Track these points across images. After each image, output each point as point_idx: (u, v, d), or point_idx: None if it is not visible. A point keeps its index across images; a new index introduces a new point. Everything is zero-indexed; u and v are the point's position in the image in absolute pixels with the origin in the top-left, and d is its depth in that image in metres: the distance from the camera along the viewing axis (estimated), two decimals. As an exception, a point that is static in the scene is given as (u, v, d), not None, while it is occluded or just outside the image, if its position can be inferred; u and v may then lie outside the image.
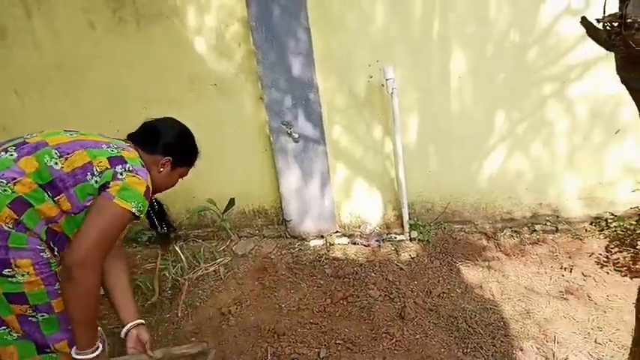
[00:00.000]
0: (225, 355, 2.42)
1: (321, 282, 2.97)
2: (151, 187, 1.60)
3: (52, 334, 1.54)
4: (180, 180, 1.90)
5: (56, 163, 1.47)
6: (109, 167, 1.50)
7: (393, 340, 2.43)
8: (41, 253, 1.46)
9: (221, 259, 3.25)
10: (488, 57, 2.88)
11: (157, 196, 1.89)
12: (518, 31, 2.79)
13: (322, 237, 3.42)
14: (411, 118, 3.09)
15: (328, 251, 3.28)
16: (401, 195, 3.19)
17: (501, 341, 2.34)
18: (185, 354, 1.87)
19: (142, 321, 1.78)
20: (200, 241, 3.54)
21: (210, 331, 2.62)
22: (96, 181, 1.49)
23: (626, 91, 0.85)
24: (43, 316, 1.51)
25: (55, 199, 1.46)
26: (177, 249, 3.14)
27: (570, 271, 2.77)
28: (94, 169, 1.50)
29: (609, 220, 3.06)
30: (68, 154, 1.49)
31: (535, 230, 3.15)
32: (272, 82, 3.05)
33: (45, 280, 1.47)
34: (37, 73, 3.37)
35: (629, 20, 0.66)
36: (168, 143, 1.76)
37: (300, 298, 2.85)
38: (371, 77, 3.00)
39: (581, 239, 3.03)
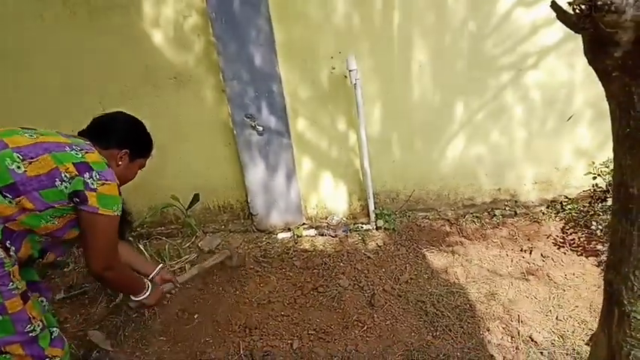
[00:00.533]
0: (195, 353, 2.39)
1: (291, 274, 2.97)
2: (118, 182, 1.64)
3: (3, 337, 1.51)
4: (139, 172, 1.92)
5: (18, 167, 1.45)
6: (77, 174, 1.51)
7: (364, 328, 2.46)
8: None
9: (187, 256, 3.19)
10: (447, 46, 2.94)
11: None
12: (476, 20, 2.87)
13: (289, 230, 3.41)
14: (374, 108, 3.12)
15: (296, 243, 3.28)
16: (366, 185, 3.22)
17: (468, 323, 2.41)
18: (214, 264, 2.43)
19: (161, 265, 2.22)
20: (164, 238, 3.45)
21: (179, 328, 2.57)
22: (65, 187, 1.50)
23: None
24: None
25: (15, 200, 1.44)
26: (140, 247, 3.05)
27: (530, 253, 2.89)
28: (62, 175, 1.50)
29: (564, 203, 3.20)
30: (32, 158, 1.47)
31: (495, 215, 3.26)
32: (234, 74, 3.00)
33: None
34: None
35: (599, 2, 0.69)
36: (122, 136, 1.77)
37: (270, 291, 2.84)
38: (334, 68, 3.01)
39: (538, 222, 3.16)
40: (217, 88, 3.11)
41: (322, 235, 3.34)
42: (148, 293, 1.94)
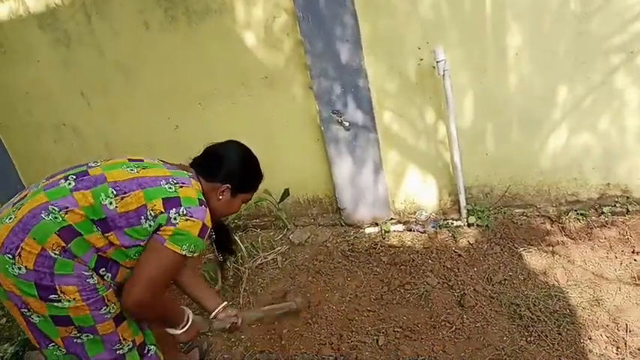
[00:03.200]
0: (283, 343, 2.48)
1: (378, 269, 2.97)
2: (208, 223, 1.58)
3: (96, 354, 1.58)
4: (243, 205, 1.87)
5: (110, 203, 1.47)
6: (163, 211, 1.49)
7: (453, 328, 2.39)
8: (87, 280, 1.49)
9: (279, 248, 3.33)
10: (546, 29, 2.71)
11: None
12: (579, -1, 2.61)
13: (377, 224, 3.41)
14: (465, 99, 2.98)
15: (383, 239, 3.27)
16: (457, 179, 3.10)
17: (567, 330, 2.24)
18: (280, 313, 2.27)
19: (225, 303, 2.00)
20: (258, 230, 3.63)
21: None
22: (150, 225, 1.50)
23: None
24: (87, 336, 1.55)
25: (105, 234, 1.48)
26: (236, 239, 3.23)
27: (644, 256, 2.60)
28: (148, 214, 1.49)
29: (687, 200, 2.83)
30: (125, 193, 1.49)
31: (603, 212, 2.97)
32: (320, 71, 3.04)
33: (91, 305, 1.50)
34: (100, 74, 3.56)
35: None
36: (230, 171, 1.73)
37: (357, 285, 2.86)
38: (421, 60, 2.92)
39: (655, 221, 2.82)
40: (305, 86, 3.18)
41: (410, 230, 3.28)
42: (185, 329, 1.74)
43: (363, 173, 3.29)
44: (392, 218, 3.43)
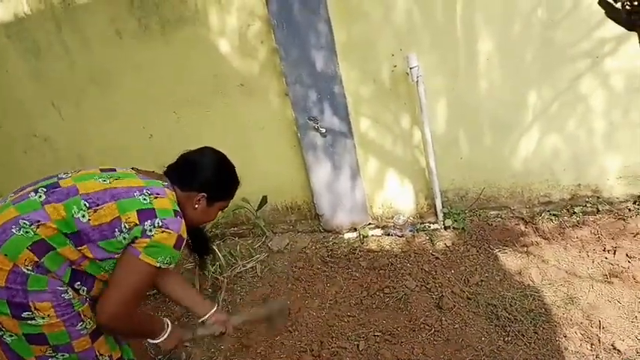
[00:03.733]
0: (265, 354, 2.47)
1: (357, 274, 2.98)
2: (184, 235, 1.54)
3: None
4: (220, 213, 1.83)
5: (83, 216, 1.42)
6: (137, 224, 1.45)
7: (432, 331, 2.42)
8: (62, 295, 1.44)
9: (257, 256, 3.31)
10: (515, 35, 2.79)
11: None
12: (546, 6, 2.69)
13: (355, 229, 3.42)
14: (438, 104, 3.03)
15: (362, 243, 3.28)
16: (433, 183, 3.15)
17: (543, 328, 2.29)
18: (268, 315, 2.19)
19: (216, 308, 1.96)
20: (236, 238, 3.60)
21: (248, 329, 2.66)
22: (124, 238, 1.45)
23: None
24: (63, 355, 1.50)
25: (78, 248, 1.44)
26: (214, 248, 3.20)
27: (614, 254, 2.67)
28: (122, 226, 1.44)
29: (654, 198, 2.93)
30: (98, 205, 1.44)
31: (575, 212, 3.05)
32: (296, 78, 3.05)
33: (66, 321, 1.46)
34: (71, 84, 3.50)
35: (649, 0, 0.63)
36: (205, 179, 1.68)
37: (337, 291, 2.87)
38: (395, 66, 2.96)
39: (624, 219, 2.90)
40: (281, 93, 3.19)
41: (389, 234, 3.31)
42: (164, 337, 1.70)
43: (340, 179, 3.31)
44: (370, 223, 3.45)
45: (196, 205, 1.68)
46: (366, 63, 3.02)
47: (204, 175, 1.69)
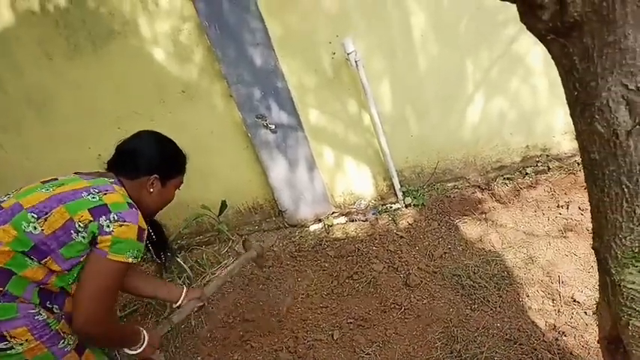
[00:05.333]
0: (243, 353, 2.46)
1: (326, 264, 2.99)
2: (143, 225, 1.50)
3: None
4: (177, 191, 1.78)
5: (35, 228, 1.36)
6: (92, 220, 1.40)
7: (402, 310, 2.45)
8: (36, 317, 1.39)
9: (225, 261, 3.27)
10: (446, 7, 2.81)
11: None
12: (473, -25, 2.72)
13: (320, 220, 3.42)
14: (382, 86, 3.04)
15: (328, 233, 3.29)
16: (388, 164, 3.17)
17: (507, 291, 2.34)
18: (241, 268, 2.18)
19: (186, 289, 1.96)
20: (202, 247, 3.56)
21: (225, 332, 2.65)
22: (83, 237, 1.40)
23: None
24: None
25: (42, 262, 1.38)
26: (179, 260, 3.16)
27: (567, 208, 2.75)
28: (77, 226, 1.39)
29: (600, 149, 3.01)
30: (46, 213, 1.38)
31: (527, 173, 3.12)
32: (237, 77, 3.01)
33: (46, 342, 1.41)
34: (7, 112, 3.36)
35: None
36: (151, 161, 1.63)
37: (308, 284, 2.87)
38: (334, 54, 2.95)
39: (574, 174, 2.99)
40: (225, 94, 3.14)
41: (353, 221, 3.33)
42: (143, 347, 1.66)
43: (297, 173, 3.30)
44: (333, 212, 3.46)
45: (151, 189, 1.63)
46: (305, 54, 3.00)
47: (149, 156, 1.64)
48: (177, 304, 1.93)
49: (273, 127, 3.12)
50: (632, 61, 0.62)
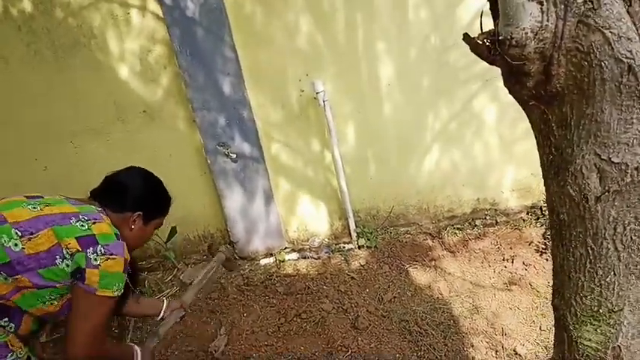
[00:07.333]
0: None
1: (274, 301, 2.93)
2: (127, 257, 1.48)
3: None
4: (155, 231, 1.77)
5: (16, 245, 1.33)
6: (79, 249, 1.37)
7: (349, 352, 2.42)
8: None
9: (167, 290, 3.15)
10: (412, 61, 2.95)
11: None
12: (439, 33, 2.88)
13: (272, 255, 3.38)
14: (346, 127, 3.11)
15: (279, 268, 3.24)
16: (345, 204, 3.20)
17: (452, 339, 2.38)
18: (211, 276, 2.28)
19: (165, 301, 2.03)
20: (145, 273, 3.40)
21: (161, 367, 2.52)
22: (67, 265, 1.37)
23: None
24: None
25: (11, 277, 1.33)
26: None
27: (512, 262, 2.87)
28: (64, 252, 1.37)
29: (544, 209, 3.19)
30: (32, 233, 1.35)
31: (476, 225, 3.25)
32: (203, 103, 2.99)
33: None
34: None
35: (500, 37, 0.68)
36: (138, 198, 1.62)
37: (254, 320, 2.79)
38: (302, 91, 3.00)
39: (519, 229, 3.14)
40: (188, 119, 3.10)
41: (305, 257, 3.30)
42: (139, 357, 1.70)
43: (254, 204, 3.26)
44: (286, 247, 3.43)
45: (132, 226, 1.60)
46: (275, 88, 3.03)
47: (137, 193, 1.63)
48: (160, 316, 1.98)
49: (234, 156, 3.09)
50: (607, 134, 0.68)
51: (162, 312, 1.98)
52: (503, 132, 3.10)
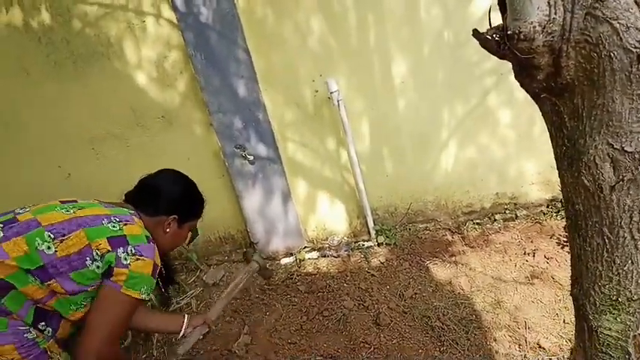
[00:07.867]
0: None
1: (296, 300, 2.96)
2: (158, 262, 1.49)
3: None
4: (190, 233, 1.78)
5: (49, 247, 1.34)
6: (110, 250, 1.39)
7: (371, 349, 2.44)
8: (25, 335, 1.35)
9: (192, 291, 3.20)
10: (426, 58, 2.95)
11: None
12: (452, 29, 2.87)
13: (292, 254, 3.41)
14: (361, 125, 3.13)
15: (299, 267, 3.27)
16: (363, 202, 3.22)
17: (475, 334, 2.38)
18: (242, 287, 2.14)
19: (186, 318, 1.92)
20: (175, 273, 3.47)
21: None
22: (97, 267, 1.38)
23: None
24: None
25: (46, 283, 1.35)
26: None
27: (533, 256, 2.84)
28: (94, 254, 1.38)
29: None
30: (64, 235, 1.36)
31: (496, 220, 3.23)
32: (219, 107, 3.03)
33: None
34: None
35: (509, 32, 0.69)
36: (172, 202, 1.63)
37: (276, 319, 2.83)
38: (316, 91, 3.02)
39: (540, 223, 3.11)
40: (205, 122, 3.15)
41: (325, 256, 3.33)
42: None
43: (272, 205, 3.30)
44: (305, 246, 3.45)
45: (167, 229, 1.62)
46: (289, 89, 3.06)
47: (172, 196, 1.65)
48: (181, 334, 1.89)
49: (251, 157, 3.13)
50: (618, 123, 0.69)
51: (183, 329, 1.89)
52: (521, 125, 3.07)
